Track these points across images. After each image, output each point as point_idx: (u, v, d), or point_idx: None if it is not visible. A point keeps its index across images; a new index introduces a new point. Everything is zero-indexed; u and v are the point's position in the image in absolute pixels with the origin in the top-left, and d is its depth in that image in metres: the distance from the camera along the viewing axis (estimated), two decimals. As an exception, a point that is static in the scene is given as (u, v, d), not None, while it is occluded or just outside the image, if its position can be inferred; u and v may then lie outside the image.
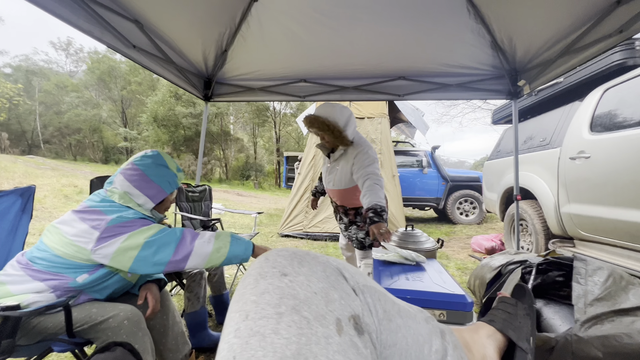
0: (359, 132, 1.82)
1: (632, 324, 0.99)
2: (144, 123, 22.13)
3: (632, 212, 1.88)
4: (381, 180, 1.61)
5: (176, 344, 1.22)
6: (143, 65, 2.09)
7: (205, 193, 2.75)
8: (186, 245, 1.04)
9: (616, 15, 1.57)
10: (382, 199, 1.52)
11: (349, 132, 1.67)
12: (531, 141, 3.14)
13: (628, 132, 1.96)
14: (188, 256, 1.04)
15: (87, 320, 0.98)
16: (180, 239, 1.05)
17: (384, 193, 1.63)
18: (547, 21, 1.87)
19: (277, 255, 0.40)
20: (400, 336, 0.41)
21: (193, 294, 1.56)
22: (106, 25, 1.70)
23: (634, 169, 1.86)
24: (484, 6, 1.95)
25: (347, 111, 1.70)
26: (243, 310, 0.33)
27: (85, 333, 0.98)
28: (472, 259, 3.51)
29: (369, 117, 4.95)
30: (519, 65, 2.38)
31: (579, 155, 2.30)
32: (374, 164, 1.64)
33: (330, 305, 0.35)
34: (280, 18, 2.18)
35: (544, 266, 1.44)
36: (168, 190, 1.18)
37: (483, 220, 6.32)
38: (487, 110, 15.28)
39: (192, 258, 1.04)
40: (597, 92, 2.35)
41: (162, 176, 1.16)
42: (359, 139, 1.76)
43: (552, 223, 2.62)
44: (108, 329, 0.97)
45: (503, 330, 0.60)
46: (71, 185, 7.81)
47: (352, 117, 1.72)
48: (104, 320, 0.97)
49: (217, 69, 2.70)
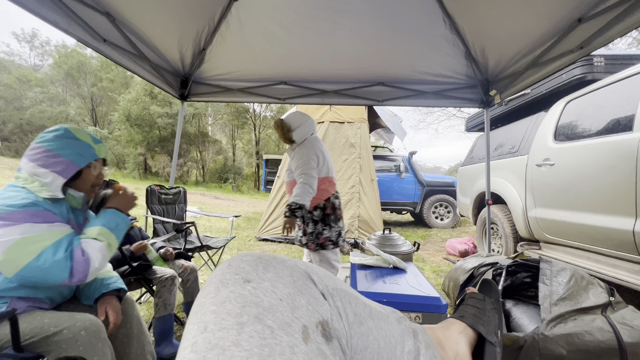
0: (318, 138, 2.03)
1: (592, 321, 1.05)
2: (116, 122, 21.11)
3: (591, 217, 2.01)
4: (310, 178, 1.82)
5: (142, 354, 1.14)
6: (115, 60, 2.00)
7: (179, 195, 2.66)
8: (80, 261, 0.93)
9: (577, 33, 1.69)
10: (300, 196, 1.74)
11: (295, 133, 1.96)
12: (501, 148, 3.29)
13: (587, 142, 2.10)
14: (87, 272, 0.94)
15: (38, 332, 0.88)
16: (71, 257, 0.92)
17: (310, 189, 1.82)
18: (516, 35, 1.97)
19: (240, 261, 0.38)
20: (372, 339, 0.40)
21: (161, 300, 1.50)
22: (74, 17, 1.61)
23: (593, 176, 2.00)
24: (458, 18, 2.03)
25: (304, 118, 1.97)
26: (201, 322, 0.31)
27: (36, 346, 0.88)
28: (446, 261, 3.61)
29: (348, 121, 5.00)
30: (491, 76, 2.50)
31: (545, 163, 2.44)
32: (306, 164, 1.84)
33: (296, 312, 0.33)
34: (261, 19, 2.16)
35: (513, 268, 1.50)
36: (81, 163, 1.06)
37: (457, 224, 6.55)
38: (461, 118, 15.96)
39: (92, 272, 0.95)
40: (560, 104, 2.51)
41: (70, 148, 1.04)
42: (308, 143, 1.97)
43: (520, 227, 2.75)
44: (62, 342, 0.87)
45: (473, 325, 0.61)
46: (32, 186, 7.27)
47: (306, 123, 1.99)
48: (57, 332, 0.88)
49: (195, 68, 2.62)
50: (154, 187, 2.44)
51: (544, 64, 2.01)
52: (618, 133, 1.89)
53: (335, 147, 4.87)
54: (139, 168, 21.03)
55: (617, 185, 1.83)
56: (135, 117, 19.69)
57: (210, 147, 25.35)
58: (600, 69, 2.43)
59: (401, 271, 1.13)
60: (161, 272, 1.51)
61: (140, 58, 2.16)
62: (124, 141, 20.96)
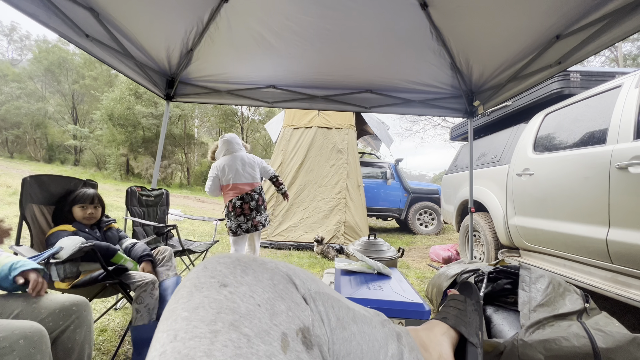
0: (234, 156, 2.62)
1: (568, 327, 1.08)
2: (98, 121, 20.46)
3: (567, 225, 2.09)
4: (210, 183, 2.63)
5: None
6: (98, 57, 1.94)
7: (161, 197, 2.58)
8: None
9: (555, 49, 1.77)
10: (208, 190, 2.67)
11: (216, 154, 2.75)
12: (484, 157, 3.39)
13: (564, 153, 2.19)
14: None
15: None
16: None
17: (208, 190, 2.67)
18: (499, 49, 2.05)
19: (217, 263, 0.36)
20: (355, 344, 0.39)
21: (143, 305, 1.40)
22: (55, 10, 1.55)
23: (569, 186, 2.08)
24: (445, 30, 2.09)
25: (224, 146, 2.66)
26: (172, 329, 0.29)
27: None
28: (430, 268, 3.65)
29: (336, 127, 5.03)
30: (475, 87, 2.58)
31: (524, 172, 2.52)
32: (210, 173, 2.65)
33: (275, 319, 0.32)
34: (250, 22, 2.15)
35: (494, 274, 1.53)
36: None
37: (441, 231, 6.65)
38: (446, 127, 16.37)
39: None
40: (539, 116, 2.61)
41: None
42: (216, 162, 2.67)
43: (501, 234, 2.83)
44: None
45: (455, 326, 0.62)
46: (4, 185, 6.93)
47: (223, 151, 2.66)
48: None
49: (182, 68, 2.58)
50: (135, 188, 2.36)
51: (524, 77, 2.09)
52: (592, 145, 1.98)
53: (322, 153, 4.88)
54: (120, 169, 20.38)
55: (591, 196, 1.90)
56: (118, 117, 19.13)
57: (196, 150, 24.91)
58: (576, 84, 2.55)
59: (385, 277, 1.13)
60: (140, 276, 1.45)
61: (124, 56, 2.11)
62: (106, 141, 20.29)
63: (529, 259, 2.54)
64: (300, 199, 4.67)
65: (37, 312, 1.00)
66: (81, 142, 23.91)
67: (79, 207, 1.58)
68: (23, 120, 23.96)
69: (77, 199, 1.58)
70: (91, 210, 1.60)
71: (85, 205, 1.59)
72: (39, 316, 1.00)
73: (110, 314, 1.95)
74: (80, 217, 1.57)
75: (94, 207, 1.62)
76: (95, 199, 1.63)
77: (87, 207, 1.59)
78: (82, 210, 1.58)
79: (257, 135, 25.92)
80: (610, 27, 1.45)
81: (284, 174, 4.80)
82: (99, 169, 22.00)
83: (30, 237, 1.50)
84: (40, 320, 0.98)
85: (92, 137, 23.18)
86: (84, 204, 1.58)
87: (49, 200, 1.60)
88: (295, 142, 4.99)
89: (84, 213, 1.58)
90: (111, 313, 1.96)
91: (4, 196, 5.91)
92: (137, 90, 19.17)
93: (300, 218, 4.55)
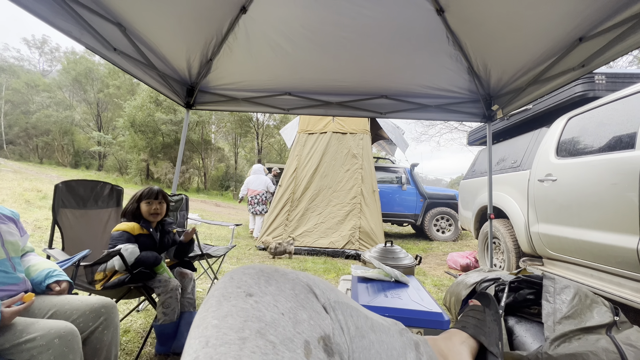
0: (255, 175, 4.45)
1: (597, 341, 1.03)
2: (120, 128, 21.30)
3: (593, 234, 2.00)
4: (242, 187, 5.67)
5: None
6: (123, 69, 2.04)
7: (181, 203, 2.66)
8: None
9: (579, 51, 1.72)
10: None
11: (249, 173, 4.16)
12: (503, 163, 3.30)
13: (590, 158, 2.10)
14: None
15: (9, 338, 0.87)
16: None
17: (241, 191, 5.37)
18: (518, 52, 2.01)
19: (242, 274, 0.38)
20: (374, 352, 0.40)
21: (170, 308, 1.49)
22: (86, 26, 1.65)
23: (596, 193, 1.99)
24: (461, 34, 2.07)
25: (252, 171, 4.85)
26: (203, 336, 0.31)
27: (6, 353, 0.87)
28: (448, 275, 3.57)
29: (351, 132, 5.04)
30: (493, 91, 2.53)
31: (547, 178, 2.44)
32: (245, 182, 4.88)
33: (298, 327, 0.33)
34: (267, 31, 2.21)
35: (516, 284, 1.48)
36: None
37: (458, 237, 6.50)
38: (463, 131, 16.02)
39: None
40: (562, 120, 2.53)
41: None
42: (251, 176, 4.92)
43: (523, 242, 2.73)
44: (33, 349, 0.86)
45: (475, 335, 0.61)
46: (34, 189, 7.30)
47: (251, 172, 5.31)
48: (30, 339, 0.87)
49: (201, 77, 2.67)
50: (157, 193, 2.45)
51: (545, 81, 2.03)
52: (620, 150, 1.89)
53: (337, 158, 4.89)
54: (141, 174, 21.10)
55: (619, 203, 1.82)
56: (139, 123, 19.88)
57: (212, 155, 25.48)
58: (601, 86, 2.45)
59: (403, 285, 1.12)
60: (165, 281, 1.51)
61: (148, 67, 2.20)
62: (128, 147, 21.09)
63: (553, 268, 2.45)
64: (315, 204, 4.69)
65: (69, 313, 1.06)
66: (105, 148, 24.96)
67: (145, 202, 1.64)
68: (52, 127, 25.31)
69: (143, 195, 1.65)
70: (156, 205, 1.65)
71: (150, 201, 1.64)
72: (71, 317, 1.05)
73: (133, 316, 2.01)
74: (146, 212, 1.63)
75: (159, 203, 1.67)
76: (159, 195, 1.68)
77: (152, 203, 1.64)
78: (147, 206, 1.64)
79: (272, 140, 26.24)
80: (636, 29, 1.40)
81: (299, 179, 4.84)
82: (120, 174, 22.85)
83: (62, 240, 1.58)
84: (71, 321, 1.03)
85: (115, 143, 24.15)
86: (149, 199, 1.64)
87: (79, 204, 1.69)
88: (310, 147, 5.03)
89: (149, 208, 1.63)
90: (134, 314, 2.03)
91: (34, 200, 6.24)
92: (157, 97, 19.87)
93: (314, 223, 4.56)
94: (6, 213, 1.17)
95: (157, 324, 1.49)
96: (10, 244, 1.08)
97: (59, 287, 1.14)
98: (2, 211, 1.16)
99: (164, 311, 1.48)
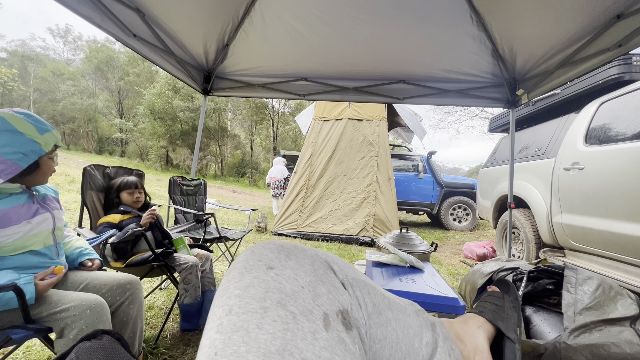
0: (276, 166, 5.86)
1: (620, 333, 1.00)
2: (141, 115, 21.89)
3: (622, 225, 1.91)
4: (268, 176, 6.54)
5: (132, 338, 1.16)
6: (143, 55, 2.07)
7: (200, 187, 2.73)
8: None
9: (616, 30, 1.59)
10: None
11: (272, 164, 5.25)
12: (526, 150, 3.17)
13: (622, 146, 1.99)
14: None
15: (45, 308, 0.94)
16: None
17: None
18: (548, 32, 1.89)
19: (263, 248, 0.39)
20: (390, 329, 0.41)
21: (191, 285, 1.56)
22: (107, 13, 1.68)
23: (626, 182, 1.89)
24: (487, 14, 1.96)
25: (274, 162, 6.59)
26: (226, 305, 0.32)
27: (43, 320, 0.94)
28: (463, 264, 3.53)
29: (367, 119, 4.96)
30: (518, 75, 2.41)
31: (573, 166, 2.33)
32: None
33: (317, 300, 0.34)
34: (283, 15, 2.17)
35: (535, 274, 1.45)
36: (23, 164, 0.96)
37: (476, 227, 6.37)
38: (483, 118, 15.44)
39: None
40: (593, 105, 2.38)
41: (10, 146, 0.93)
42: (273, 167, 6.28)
43: (544, 232, 2.65)
44: (68, 318, 0.93)
45: (493, 320, 0.61)
46: (63, 174, 7.69)
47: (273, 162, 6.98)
48: (65, 309, 0.94)
49: (218, 63, 2.68)
50: (176, 178, 2.53)
51: (577, 63, 1.91)
52: (657, 137, 1.78)
53: (353, 145, 4.84)
54: (160, 160, 21.75)
55: (653, 193, 1.72)
56: (158, 111, 20.35)
57: (229, 142, 25.85)
58: (639, 68, 2.28)
59: (418, 270, 1.12)
60: (185, 259, 1.57)
61: (166, 53, 2.23)
62: (148, 133, 21.71)
63: (576, 259, 2.37)
64: (330, 191, 4.70)
65: (98, 287, 1.13)
66: (126, 135, 25.80)
67: (126, 192, 1.73)
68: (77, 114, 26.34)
69: (122, 186, 1.73)
70: (137, 194, 1.76)
71: (132, 191, 1.74)
72: (100, 290, 1.12)
73: (156, 293, 2.12)
74: (129, 201, 1.73)
75: (139, 192, 1.78)
76: (138, 184, 1.79)
77: (134, 192, 1.75)
78: (130, 195, 1.73)
79: (287, 127, 26.26)
80: (685, 2, 1.28)
81: (314, 166, 4.84)
82: (142, 160, 23.65)
83: (90, 220, 1.67)
84: (101, 295, 1.10)
85: (136, 130, 24.90)
86: (130, 189, 1.74)
87: (105, 188, 1.77)
88: (325, 134, 5.00)
89: (132, 197, 1.73)
90: (157, 292, 2.14)
91: (63, 184, 6.58)
92: (175, 85, 20.19)
93: (329, 210, 4.58)
94: (53, 194, 1.20)
95: (181, 302, 1.56)
96: (59, 230, 1.13)
97: (91, 263, 1.22)
98: (50, 193, 1.18)
99: (185, 287, 1.54)
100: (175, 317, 1.82)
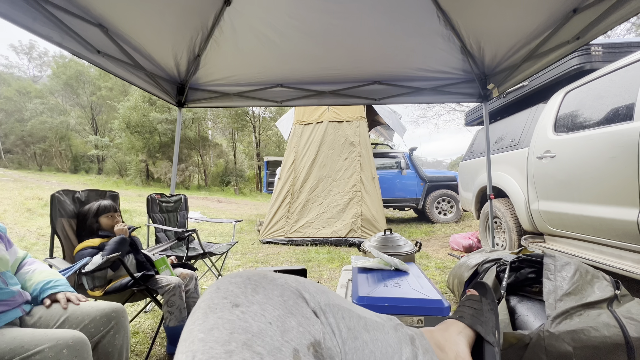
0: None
1: (598, 316, 1.04)
2: (116, 130, 21.15)
3: (594, 208, 2.00)
4: None
5: None
6: (110, 71, 2.00)
7: (180, 203, 2.66)
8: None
9: (573, 24, 1.67)
10: None
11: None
12: (502, 142, 3.27)
13: (588, 132, 2.08)
14: None
15: (16, 353, 0.85)
16: None
17: None
18: (511, 28, 1.96)
19: (229, 284, 0.38)
20: (368, 352, 0.40)
21: (175, 307, 1.50)
22: (67, 30, 1.61)
23: (595, 167, 1.98)
24: (452, 13, 2.02)
25: None
26: (190, 351, 0.31)
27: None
28: (451, 257, 3.60)
29: (347, 120, 4.99)
30: (488, 70, 2.48)
31: (545, 155, 2.42)
32: None
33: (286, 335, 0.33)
34: (254, 23, 2.16)
35: (517, 264, 1.49)
36: None
37: (460, 219, 6.52)
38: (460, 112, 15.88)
39: None
40: (559, 95, 2.49)
41: None
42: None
43: (524, 220, 2.74)
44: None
45: (472, 325, 0.61)
46: (35, 197, 7.33)
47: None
48: (38, 351, 0.86)
49: (191, 75, 2.62)
50: (155, 195, 2.45)
51: (540, 56, 1.99)
52: (618, 123, 1.87)
53: (335, 147, 4.86)
54: (141, 175, 21.09)
55: (619, 176, 1.81)
56: (135, 124, 19.72)
57: (211, 151, 25.39)
58: (598, 58, 2.40)
59: (403, 273, 1.13)
60: (167, 280, 1.52)
61: (135, 67, 2.16)
62: (125, 148, 20.99)
63: (555, 244, 2.45)
64: (315, 195, 4.69)
65: (80, 319, 1.07)
66: (103, 151, 24.88)
67: (105, 217, 1.66)
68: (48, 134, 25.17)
69: (100, 210, 1.65)
70: (117, 217, 1.69)
71: (111, 214, 1.67)
72: (82, 322, 1.06)
73: (141, 317, 2.04)
74: (109, 225, 1.65)
75: (119, 215, 1.71)
76: (116, 208, 1.73)
77: (113, 215, 1.68)
78: (110, 219, 1.66)
79: (269, 132, 26.07)
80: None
81: (297, 170, 4.83)
82: (120, 176, 22.85)
83: (62, 249, 1.58)
84: (83, 327, 1.04)
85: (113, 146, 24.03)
86: (109, 213, 1.66)
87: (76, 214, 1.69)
88: (306, 138, 4.99)
89: (112, 221, 1.66)
90: (141, 316, 2.06)
91: (36, 208, 6.27)
92: (151, 97, 19.65)
93: (316, 214, 4.57)
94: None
95: (166, 325, 1.51)
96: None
97: (49, 301, 1.12)
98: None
99: (169, 310, 1.49)
100: (162, 340, 1.75)
